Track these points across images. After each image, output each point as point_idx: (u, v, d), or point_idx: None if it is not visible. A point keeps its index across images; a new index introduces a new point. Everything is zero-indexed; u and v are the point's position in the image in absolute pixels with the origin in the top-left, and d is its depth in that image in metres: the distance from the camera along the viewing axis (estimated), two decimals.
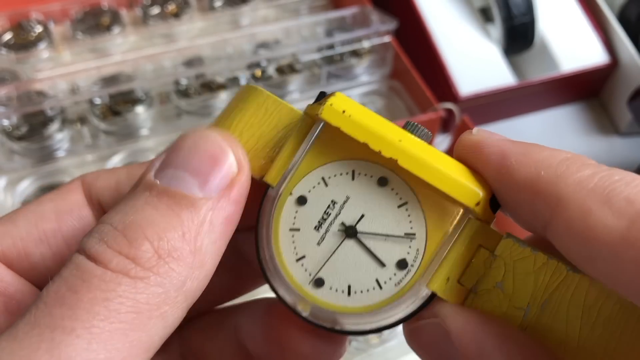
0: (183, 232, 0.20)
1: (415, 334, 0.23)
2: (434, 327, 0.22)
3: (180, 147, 0.21)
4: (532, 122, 0.73)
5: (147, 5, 0.72)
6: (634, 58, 0.68)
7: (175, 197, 0.20)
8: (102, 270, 0.18)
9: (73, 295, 0.18)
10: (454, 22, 0.70)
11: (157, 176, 0.21)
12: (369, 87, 0.70)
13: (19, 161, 0.60)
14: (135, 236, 0.19)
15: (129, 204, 0.20)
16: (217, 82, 0.65)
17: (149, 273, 0.19)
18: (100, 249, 0.19)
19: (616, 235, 0.17)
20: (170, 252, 0.19)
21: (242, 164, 0.21)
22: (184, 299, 0.20)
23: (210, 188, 0.21)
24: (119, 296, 0.18)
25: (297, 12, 0.77)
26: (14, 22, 0.69)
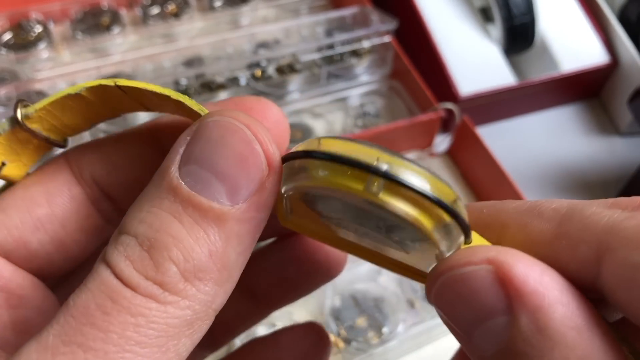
0: (210, 251, 0.19)
1: (452, 284, 0.19)
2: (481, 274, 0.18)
3: (206, 137, 0.19)
4: (532, 122, 0.73)
5: (147, 5, 0.72)
6: (634, 58, 0.68)
7: (200, 208, 0.19)
8: (131, 292, 0.18)
9: (104, 316, 0.18)
10: (454, 22, 0.70)
11: (180, 172, 0.19)
12: (369, 87, 0.70)
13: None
14: (160, 259, 0.18)
15: (152, 210, 0.19)
16: (217, 82, 0.65)
17: (177, 298, 0.18)
18: (126, 270, 0.18)
19: None
20: (196, 274, 0.18)
21: (272, 161, 0.20)
22: (213, 313, 0.19)
23: (238, 196, 0.19)
24: (150, 322, 0.18)
25: (297, 12, 0.77)
26: (14, 22, 0.69)
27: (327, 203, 0.21)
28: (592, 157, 0.70)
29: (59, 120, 0.23)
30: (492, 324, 0.17)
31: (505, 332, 0.17)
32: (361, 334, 0.51)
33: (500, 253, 0.18)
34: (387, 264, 0.23)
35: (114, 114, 0.24)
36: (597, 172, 0.69)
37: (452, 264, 0.19)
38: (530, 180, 0.66)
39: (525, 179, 0.65)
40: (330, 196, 0.20)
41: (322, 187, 0.19)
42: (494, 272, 0.18)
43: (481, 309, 0.18)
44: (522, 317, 0.17)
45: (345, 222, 0.22)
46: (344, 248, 0.23)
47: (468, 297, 0.18)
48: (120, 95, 0.22)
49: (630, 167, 0.66)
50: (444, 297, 0.19)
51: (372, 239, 0.22)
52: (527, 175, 0.67)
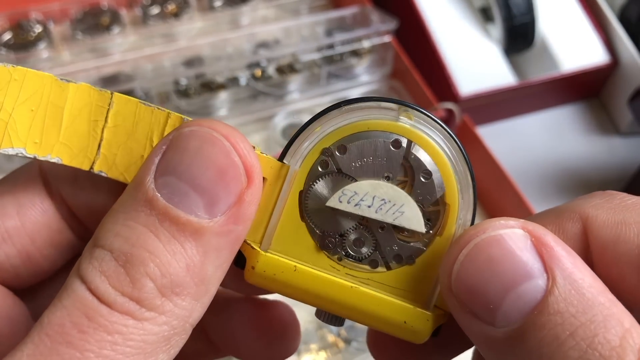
0: (187, 265, 0.18)
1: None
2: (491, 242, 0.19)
3: (183, 148, 0.19)
4: (532, 122, 0.73)
5: (147, 5, 0.72)
6: (634, 58, 0.68)
7: (177, 222, 0.18)
8: (107, 309, 0.18)
9: (80, 334, 0.17)
10: (454, 22, 0.70)
11: (157, 183, 0.19)
12: (369, 87, 0.70)
13: (19, 161, 0.60)
14: (137, 275, 0.18)
15: (127, 224, 0.18)
16: (217, 82, 0.65)
17: (154, 314, 0.18)
18: (102, 287, 0.18)
19: None
20: (173, 289, 0.18)
21: (251, 173, 0.19)
22: (190, 327, 0.19)
23: (216, 209, 0.19)
24: (127, 339, 0.17)
25: (297, 12, 0.77)
26: (14, 22, 0.69)
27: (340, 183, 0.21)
28: (592, 157, 0.70)
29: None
30: (528, 286, 0.18)
31: (541, 295, 0.17)
32: (361, 334, 0.51)
33: (528, 223, 0.19)
34: (364, 310, 0.21)
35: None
36: (597, 172, 0.69)
37: (484, 227, 0.19)
38: (531, 180, 0.66)
39: (525, 178, 0.65)
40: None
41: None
42: (528, 236, 0.18)
43: (519, 271, 0.18)
44: (560, 279, 0.17)
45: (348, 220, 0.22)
46: (315, 299, 0.22)
47: (505, 259, 0.18)
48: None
49: (630, 167, 0.66)
50: (476, 262, 0.18)
51: (370, 243, 0.22)
52: (527, 175, 0.67)
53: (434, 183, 0.22)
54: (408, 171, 0.22)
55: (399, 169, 0.22)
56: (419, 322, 0.21)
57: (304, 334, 0.52)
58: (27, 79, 0.21)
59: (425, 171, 0.22)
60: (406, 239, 0.22)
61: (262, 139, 0.66)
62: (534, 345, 0.17)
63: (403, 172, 0.22)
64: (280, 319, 0.28)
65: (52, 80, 0.21)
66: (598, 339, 0.17)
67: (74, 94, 0.21)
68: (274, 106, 0.67)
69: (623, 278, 0.20)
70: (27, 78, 0.21)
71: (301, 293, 0.21)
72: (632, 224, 0.20)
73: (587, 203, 0.21)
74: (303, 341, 0.52)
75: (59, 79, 0.21)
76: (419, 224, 0.21)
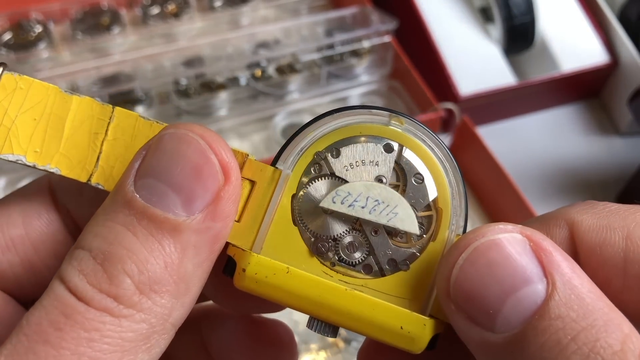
0: (165, 262, 0.18)
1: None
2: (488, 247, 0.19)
3: (161, 150, 0.19)
4: (532, 122, 0.73)
5: (147, 5, 0.72)
6: (634, 58, 0.68)
7: (155, 220, 0.18)
8: (84, 306, 0.18)
9: (56, 332, 0.17)
10: (454, 22, 0.70)
11: (136, 185, 0.19)
12: (369, 87, 0.70)
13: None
14: (115, 272, 0.18)
15: (106, 224, 0.19)
16: (217, 82, 0.65)
17: (132, 311, 0.18)
18: (80, 285, 0.18)
19: None
20: (151, 286, 0.18)
21: (228, 170, 0.20)
22: (171, 328, 0.19)
23: (194, 206, 0.19)
24: (104, 337, 0.17)
25: (297, 12, 0.77)
26: (14, 22, 0.69)
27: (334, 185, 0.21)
28: (592, 157, 0.70)
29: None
30: (529, 291, 0.18)
31: (541, 299, 0.17)
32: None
33: (526, 228, 0.19)
34: (359, 315, 0.21)
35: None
36: (597, 172, 0.69)
37: (483, 232, 0.19)
38: (530, 180, 0.66)
39: (525, 178, 0.65)
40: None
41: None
42: (527, 241, 0.18)
43: (519, 275, 0.18)
44: (560, 284, 0.18)
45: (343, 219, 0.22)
46: (308, 304, 0.21)
47: (504, 263, 0.18)
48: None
49: (630, 167, 0.66)
50: (475, 266, 0.18)
51: (364, 248, 0.22)
52: (527, 175, 0.67)
53: (426, 186, 0.22)
54: (400, 175, 0.22)
55: (391, 173, 0.22)
56: (416, 327, 0.21)
57: (304, 334, 0.52)
58: (33, 89, 0.21)
59: (417, 175, 0.22)
60: (400, 244, 0.22)
61: (262, 139, 0.66)
62: (535, 350, 0.17)
63: (395, 176, 0.22)
64: (276, 337, 0.28)
65: (56, 91, 0.22)
66: (600, 343, 0.17)
67: (77, 106, 0.22)
68: (274, 106, 0.67)
69: (609, 281, 0.20)
70: (33, 87, 0.21)
71: (294, 298, 0.21)
72: (617, 228, 0.20)
73: (572, 210, 0.21)
74: (303, 341, 0.52)
75: (63, 91, 0.22)
76: (412, 225, 0.21)
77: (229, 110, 0.66)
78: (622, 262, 0.20)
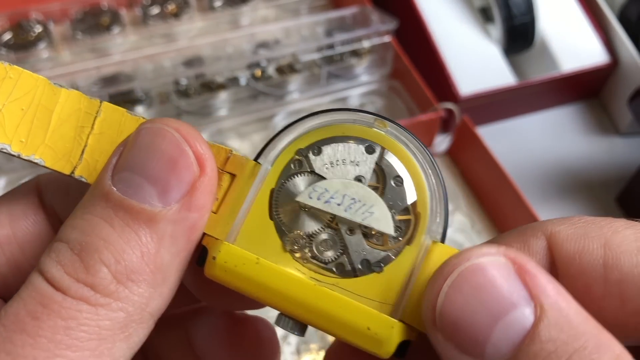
0: (142, 252, 0.19)
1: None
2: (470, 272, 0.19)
3: (137, 144, 0.20)
4: (532, 122, 0.73)
5: (147, 5, 0.72)
6: (634, 58, 0.68)
7: (131, 211, 0.19)
8: (62, 296, 0.18)
9: (33, 321, 0.17)
10: (454, 22, 0.70)
11: (113, 179, 0.19)
12: (369, 87, 0.70)
13: (19, 161, 0.60)
14: (91, 262, 0.18)
15: (84, 217, 0.19)
16: (217, 82, 0.65)
17: (109, 300, 0.18)
18: (57, 275, 0.18)
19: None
20: (128, 275, 0.18)
21: (203, 161, 0.20)
22: (149, 317, 0.19)
23: (170, 197, 0.19)
24: (81, 324, 0.18)
25: (297, 12, 0.77)
26: (14, 22, 0.69)
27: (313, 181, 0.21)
28: (592, 157, 0.70)
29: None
30: (517, 315, 0.17)
31: (530, 323, 0.17)
32: None
33: (509, 250, 0.19)
34: (327, 312, 0.20)
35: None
36: (597, 172, 0.69)
37: (466, 256, 0.19)
38: (530, 180, 0.66)
39: (525, 178, 0.65)
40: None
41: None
42: (511, 264, 0.18)
43: (505, 300, 0.17)
44: (548, 306, 0.17)
45: (319, 217, 0.21)
46: (276, 298, 0.21)
47: (490, 287, 0.18)
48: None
49: (630, 167, 0.66)
50: (461, 292, 0.18)
51: (338, 247, 0.21)
52: (527, 175, 0.67)
53: (405, 190, 0.22)
54: (380, 177, 0.22)
55: (371, 174, 0.22)
56: (383, 329, 0.20)
57: None
58: (22, 79, 0.21)
59: (397, 177, 0.22)
60: (375, 246, 0.21)
61: (262, 139, 0.66)
62: None
63: (375, 177, 0.22)
64: (257, 334, 0.27)
65: (45, 83, 0.22)
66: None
67: (65, 99, 0.22)
68: (274, 106, 0.67)
69: (589, 289, 0.20)
70: (22, 78, 0.21)
71: (261, 289, 0.21)
72: (594, 236, 0.20)
73: (548, 222, 0.21)
74: (303, 341, 0.52)
75: (52, 83, 0.22)
76: (387, 225, 0.21)
77: (229, 110, 0.66)
78: (601, 269, 0.20)
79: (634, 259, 0.19)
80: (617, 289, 0.19)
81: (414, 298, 0.21)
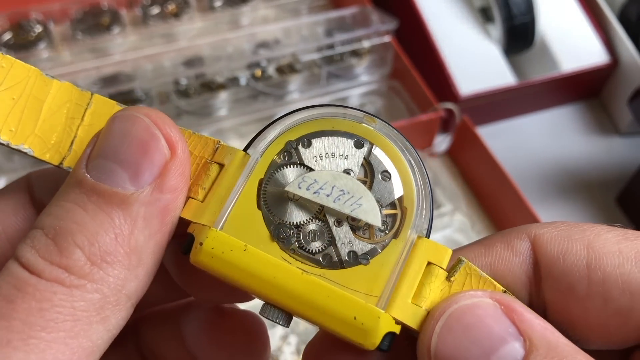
0: (115, 234, 0.19)
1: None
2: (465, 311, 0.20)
3: (109, 132, 0.20)
4: (532, 122, 0.73)
5: (147, 5, 0.72)
6: (634, 58, 0.68)
7: (104, 195, 0.19)
8: (36, 279, 0.18)
9: (8, 304, 0.17)
10: (454, 22, 0.70)
11: (87, 167, 0.20)
12: (369, 87, 0.70)
13: (19, 161, 0.60)
14: (65, 244, 0.18)
15: (59, 204, 0.20)
16: (217, 82, 0.65)
17: (83, 281, 0.18)
18: (31, 259, 0.18)
19: None
20: (103, 257, 0.19)
21: (173, 144, 0.20)
22: (126, 300, 0.19)
23: (142, 180, 0.20)
24: (55, 305, 0.18)
25: (297, 12, 0.77)
26: (14, 22, 0.69)
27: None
28: (592, 157, 0.70)
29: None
30: (507, 349, 0.18)
31: (520, 356, 0.18)
32: None
33: (495, 293, 0.20)
34: (313, 301, 0.20)
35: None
36: (597, 172, 0.69)
37: (455, 299, 0.20)
38: (530, 180, 0.66)
39: (525, 178, 0.65)
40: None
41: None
42: (497, 304, 0.19)
43: (495, 336, 0.18)
44: (536, 340, 0.18)
45: (306, 207, 0.22)
46: (262, 286, 0.20)
47: (480, 326, 0.19)
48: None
49: (630, 167, 0.66)
50: (452, 332, 0.19)
51: (325, 238, 0.21)
52: (527, 175, 0.67)
53: (393, 184, 0.22)
54: (368, 171, 0.22)
55: (359, 168, 0.22)
56: (369, 319, 0.20)
57: (303, 334, 0.52)
58: (14, 68, 0.21)
59: (385, 172, 0.22)
60: (362, 238, 0.22)
61: None
62: None
63: (363, 172, 0.22)
64: (246, 328, 0.27)
65: (37, 74, 0.22)
66: None
67: (56, 90, 0.22)
68: (274, 106, 0.67)
69: (572, 289, 0.21)
70: (14, 67, 0.21)
71: (247, 277, 0.20)
72: (578, 239, 0.21)
73: (532, 225, 0.22)
74: (303, 341, 0.52)
75: (44, 74, 0.22)
76: (375, 217, 0.21)
77: (229, 110, 0.66)
78: (584, 269, 0.20)
79: (616, 260, 0.20)
80: (600, 288, 0.20)
81: (399, 291, 0.21)
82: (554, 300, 0.21)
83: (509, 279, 0.22)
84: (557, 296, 0.21)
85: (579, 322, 0.21)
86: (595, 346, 0.21)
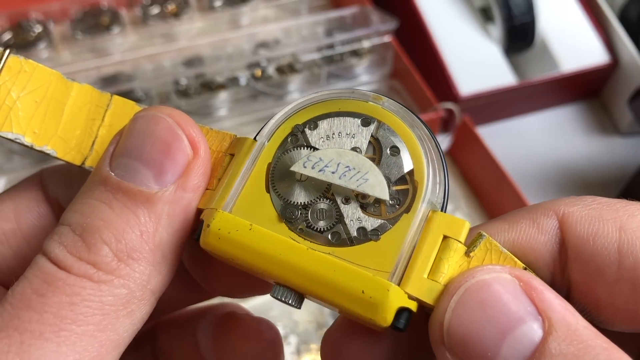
0: (141, 231, 0.19)
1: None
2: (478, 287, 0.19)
3: (133, 131, 0.21)
4: (532, 122, 0.73)
5: (147, 5, 0.72)
6: (634, 58, 0.68)
7: (129, 193, 0.20)
8: (65, 274, 0.18)
9: (39, 298, 0.18)
10: (454, 22, 0.70)
11: (111, 165, 0.20)
12: (369, 87, 0.70)
13: (19, 161, 0.60)
14: (93, 241, 0.19)
15: (84, 201, 0.20)
16: (217, 82, 0.65)
17: (111, 277, 0.19)
18: (60, 254, 0.19)
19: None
20: (129, 253, 0.19)
21: (196, 144, 0.21)
22: (150, 294, 0.20)
23: (165, 179, 0.20)
24: (85, 300, 0.18)
25: (297, 12, 0.77)
26: (14, 22, 0.69)
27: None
28: (592, 157, 0.70)
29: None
30: (525, 329, 0.17)
31: (539, 337, 0.17)
32: None
33: (515, 268, 0.19)
34: (321, 276, 0.20)
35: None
36: (597, 172, 0.69)
37: (472, 273, 0.19)
38: (530, 180, 0.66)
39: (525, 178, 0.65)
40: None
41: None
42: (516, 281, 0.18)
43: (513, 314, 0.18)
44: (556, 321, 0.17)
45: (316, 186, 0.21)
46: (270, 263, 0.20)
47: (497, 303, 0.18)
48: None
49: (630, 167, 0.66)
50: (468, 308, 0.18)
51: (333, 216, 0.21)
52: (527, 175, 0.67)
53: (402, 159, 0.22)
54: (376, 148, 0.22)
55: (366, 145, 0.22)
56: (378, 292, 0.19)
57: (303, 334, 0.52)
58: (36, 72, 0.22)
59: (393, 147, 0.22)
60: (372, 215, 0.21)
61: None
62: None
63: (372, 149, 0.22)
64: (260, 335, 0.27)
65: (58, 77, 0.22)
66: None
67: (77, 92, 0.23)
68: (274, 106, 0.67)
69: (601, 273, 0.20)
70: (36, 71, 0.22)
71: (256, 257, 0.20)
72: (609, 219, 0.20)
73: (561, 201, 0.21)
74: (303, 341, 0.52)
75: (65, 77, 0.23)
76: (382, 191, 0.21)
77: (229, 110, 0.66)
78: (615, 254, 0.19)
79: None
80: (631, 274, 0.19)
81: (413, 266, 0.20)
82: (580, 281, 0.20)
83: (531, 257, 0.21)
84: (584, 278, 0.20)
85: (605, 306, 0.20)
86: (619, 329, 0.20)
